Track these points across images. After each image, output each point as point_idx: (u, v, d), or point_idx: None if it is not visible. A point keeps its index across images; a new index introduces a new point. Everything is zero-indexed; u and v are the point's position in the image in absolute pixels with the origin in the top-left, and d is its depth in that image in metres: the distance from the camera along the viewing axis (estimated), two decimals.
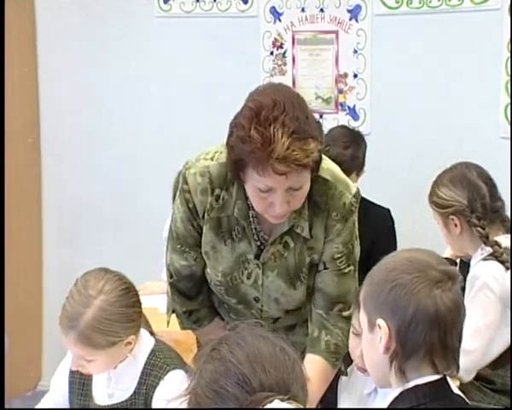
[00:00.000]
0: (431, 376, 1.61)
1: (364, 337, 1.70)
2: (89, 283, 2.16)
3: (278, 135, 1.91)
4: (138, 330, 2.23)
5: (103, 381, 2.28)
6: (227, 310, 2.38)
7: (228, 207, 2.18)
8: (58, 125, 4.45)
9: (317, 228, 2.18)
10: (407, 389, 1.60)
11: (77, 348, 2.15)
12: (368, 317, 1.67)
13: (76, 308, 2.13)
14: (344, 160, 3.29)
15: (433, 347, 1.60)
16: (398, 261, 1.67)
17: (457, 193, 2.65)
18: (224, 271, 2.26)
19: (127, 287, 2.20)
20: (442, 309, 1.59)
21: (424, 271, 1.61)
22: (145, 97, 4.30)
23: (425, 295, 1.58)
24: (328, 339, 2.23)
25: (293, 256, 2.21)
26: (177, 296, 2.39)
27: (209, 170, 2.18)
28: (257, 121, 1.94)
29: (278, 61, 4.08)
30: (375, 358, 1.65)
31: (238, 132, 1.98)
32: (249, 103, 2.00)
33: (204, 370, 1.40)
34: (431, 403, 1.59)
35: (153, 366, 2.23)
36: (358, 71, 3.96)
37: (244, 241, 2.21)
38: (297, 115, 1.95)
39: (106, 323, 2.12)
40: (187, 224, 2.25)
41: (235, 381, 1.34)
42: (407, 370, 1.61)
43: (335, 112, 4.02)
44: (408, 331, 1.59)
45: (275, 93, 1.99)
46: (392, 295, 1.61)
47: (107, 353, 2.15)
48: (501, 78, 3.71)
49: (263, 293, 2.26)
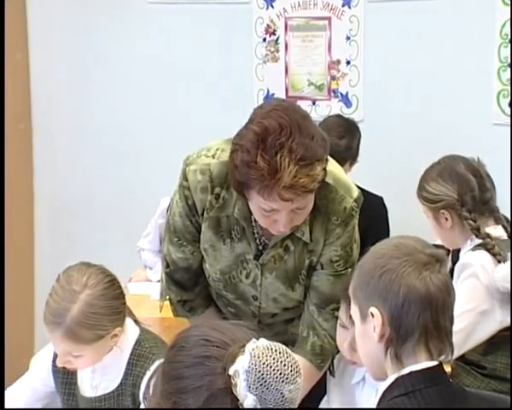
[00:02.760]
0: (427, 362, 1.61)
1: (357, 330, 1.69)
2: (72, 278, 2.14)
3: (285, 164, 1.88)
4: (124, 321, 2.21)
5: (88, 373, 2.27)
6: (225, 304, 2.37)
7: (228, 207, 2.16)
8: (50, 113, 4.42)
9: (317, 231, 2.17)
10: (402, 376, 1.60)
11: (63, 345, 2.13)
12: (359, 308, 1.67)
13: (61, 304, 2.10)
14: (338, 150, 3.28)
15: (427, 328, 1.60)
16: (385, 249, 1.67)
17: (447, 187, 2.64)
18: (222, 269, 2.25)
19: (111, 279, 2.18)
20: (432, 290, 1.59)
21: (412, 254, 1.62)
22: (137, 85, 4.27)
23: (415, 277, 1.59)
24: (314, 340, 2.23)
25: (293, 259, 2.20)
26: (172, 286, 2.38)
27: (210, 168, 2.14)
28: (263, 148, 1.90)
29: (271, 47, 4.07)
30: (370, 348, 1.65)
31: (243, 156, 1.94)
32: (254, 126, 1.94)
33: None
34: (426, 389, 1.59)
35: (139, 356, 2.22)
36: (351, 57, 3.95)
37: (243, 241, 2.19)
38: (303, 140, 1.91)
39: (93, 317, 2.10)
40: (185, 219, 2.22)
41: (213, 345, 1.39)
42: (403, 355, 1.61)
43: (328, 99, 4.01)
44: (401, 315, 1.59)
45: (280, 115, 1.93)
46: (382, 281, 1.61)
47: (94, 347, 2.14)
48: (493, 64, 3.71)
49: (261, 292, 2.26)
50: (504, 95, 3.71)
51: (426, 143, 3.74)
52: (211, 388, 1.35)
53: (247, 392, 1.33)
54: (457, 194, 2.62)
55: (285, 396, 1.34)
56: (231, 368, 1.34)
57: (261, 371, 1.33)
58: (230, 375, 1.34)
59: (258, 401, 1.33)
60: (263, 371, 1.33)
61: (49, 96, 4.41)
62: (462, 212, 2.61)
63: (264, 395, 1.33)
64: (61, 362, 2.18)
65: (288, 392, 1.34)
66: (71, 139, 4.42)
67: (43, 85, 4.41)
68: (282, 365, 1.35)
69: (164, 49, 4.21)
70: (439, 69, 3.80)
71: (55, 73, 4.39)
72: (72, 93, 4.38)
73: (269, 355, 1.35)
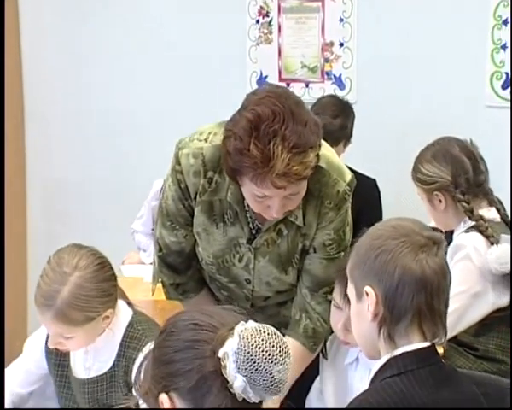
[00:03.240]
0: (419, 343, 1.62)
1: (353, 310, 1.70)
2: (62, 260, 2.14)
3: (278, 151, 1.88)
4: (115, 303, 2.22)
5: (81, 354, 2.28)
6: (218, 287, 2.38)
7: (220, 191, 2.15)
8: (42, 97, 4.41)
9: (310, 215, 2.17)
10: (394, 356, 1.61)
11: (55, 326, 2.13)
12: (355, 287, 1.67)
13: (52, 286, 2.10)
14: (333, 129, 3.28)
15: (421, 310, 1.60)
16: (382, 229, 1.67)
17: (441, 169, 2.65)
18: (215, 253, 2.25)
19: (102, 261, 2.17)
20: (428, 272, 1.60)
21: (409, 236, 1.62)
22: (130, 69, 4.25)
23: (411, 258, 1.59)
24: (307, 323, 2.23)
25: (286, 243, 2.20)
26: (165, 269, 2.38)
27: (202, 152, 2.13)
28: (256, 135, 1.89)
29: (264, 29, 4.06)
30: (364, 327, 1.66)
31: (236, 143, 1.93)
32: (247, 113, 1.93)
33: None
34: (418, 370, 1.59)
35: (131, 339, 2.22)
36: (344, 39, 3.94)
37: (236, 225, 2.19)
38: (296, 127, 1.90)
39: (83, 299, 2.10)
40: (178, 203, 2.22)
41: (202, 329, 1.41)
42: (396, 335, 1.61)
43: (321, 81, 4.01)
44: (395, 295, 1.60)
45: (274, 102, 1.92)
46: (378, 261, 1.61)
47: (85, 329, 2.14)
48: (487, 46, 3.70)
49: (254, 276, 2.26)
50: (498, 77, 3.72)
51: (419, 125, 3.74)
52: (201, 371, 1.36)
53: (236, 374, 1.34)
54: (451, 176, 2.63)
55: (274, 377, 1.35)
56: (220, 351, 1.35)
57: (250, 353, 1.34)
58: (220, 357, 1.35)
59: (247, 382, 1.34)
60: (252, 353, 1.34)
61: (42, 81, 4.40)
62: (456, 194, 2.62)
63: (254, 376, 1.34)
64: (53, 344, 2.19)
65: (278, 373, 1.35)
66: (63, 123, 4.41)
67: (35, 71, 4.40)
68: (270, 346, 1.35)
69: (157, 32, 4.19)
70: (433, 51, 3.80)
71: (47, 58, 4.37)
72: (64, 78, 4.37)
73: (257, 337, 1.35)
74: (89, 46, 4.30)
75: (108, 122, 4.33)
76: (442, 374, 1.62)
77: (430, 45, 3.80)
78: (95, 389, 2.26)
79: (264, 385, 1.35)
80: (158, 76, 4.21)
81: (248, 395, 1.35)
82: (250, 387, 1.34)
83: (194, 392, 1.36)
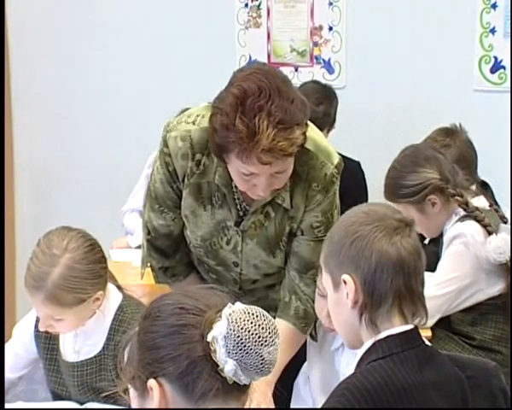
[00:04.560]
0: (403, 326, 1.63)
1: (330, 299, 1.70)
2: (52, 242, 2.14)
3: (263, 126, 1.88)
4: (105, 285, 2.22)
5: (70, 337, 2.28)
6: (207, 270, 2.38)
7: (208, 174, 2.15)
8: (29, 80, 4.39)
9: (298, 198, 2.17)
10: (379, 340, 1.62)
11: (45, 308, 2.13)
12: (331, 276, 1.68)
13: (41, 268, 2.10)
14: (316, 117, 3.26)
15: (400, 292, 1.62)
16: (355, 216, 1.68)
17: (428, 171, 2.63)
18: (203, 236, 2.25)
19: (92, 243, 2.18)
20: (404, 254, 1.61)
21: (382, 220, 1.64)
22: (119, 52, 4.23)
23: (386, 242, 1.61)
24: (297, 305, 2.23)
25: (274, 226, 2.20)
26: (153, 253, 2.38)
27: (190, 134, 2.13)
28: (242, 110, 1.89)
29: (253, 13, 4.04)
30: (344, 316, 1.66)
31: (222, 119, 1.93)
32: (234, 89, 1.93)
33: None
34: (403, 352, 1.61)
35: (121, 322, 2.23)
36: (333, 23, 3.93)
37: (224, 208, 2.19)
38: (282, 103, 1.90)
39: (73, 281, 2.11)
40: (166, 186, 2.22)
41: (190, 313, 1.39)
42: (378, 320, 1.62)
43: (310, 65, 4.00)
44: (374, 279, 1.61)
45: (260, 78, 1.92)
46: (354, 247, 1.62)
47: (75, 311, 2.14)
48: (475, 30, 3.71)
49: (242, 259, 2.26)
50: (486, 61, 3.72)
51: (407, 110, 3.74)
52: (190, 356, 1.36)
53: (226, 358, 1.34)
54: (439, 174, 2.62)
55: (265, 359, 1.35)
56: (209, 335, 1.35)
57: (240, 337, 1.34)
58: (209, 342, 1.35)
59: (238, 365, 1.34)
60: (241, 336, 1.34)
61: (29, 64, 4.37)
62: (449, 189, 2.61)
63: (244, 359, 1.34)
64: (43, 326, 2.19)
65: (268, 354, 1.36)
66: (51, 105, 4.39)
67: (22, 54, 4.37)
68: (259, 328, 1.35)
69: (146, 15, 4.17)
70: (422, 35, 3.80)
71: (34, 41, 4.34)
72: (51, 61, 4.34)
73: (246, 319, 1.35)
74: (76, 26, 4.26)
75: (97, 104, 4.31)
76: (425, 356, 1.64)
77: (419, 30, 3.80)
78: (84, 373, 2.27)
79: (256, 367, 1.35)
80: (146, 59, 4.19)
81: (239, 377, 1.35)
82: (241, 370, 1.35)
83: (184, 377, 1.36)
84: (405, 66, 3.84)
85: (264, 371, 1.37)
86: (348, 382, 1.60)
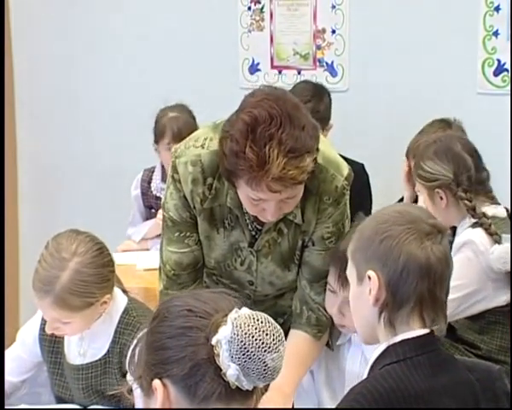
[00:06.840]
0: (419, 330, 1.63)
1: (352, 292, 1.70)
2: (61, 245, 2.14)
3: (274, 155, 1.85)
4: (113, 288, 2.23)
5: (75, 340, 2.28)
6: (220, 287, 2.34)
7: (220, 197, 2.13)
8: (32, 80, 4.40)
9: (309, 212, 2.15)
10: (393, 344, 1.62)
11: (53, 312, 2.13)
12: (357, 270, 1.68)
13: (50, 272, 2.10)
14: None
15: (423, 298, 1.61)
16: (388, 214, 1.68)
17: (443, 166, 2.62)
18: (216, 258, 2.22)
19: (100, 247, 2.18)
20: (433, 260, 1.61)
21: (415, 222, 1.63)
22: (121, 53, 4.25)
23: (416, 245, 1.60)
24: (309, 315, 2.23)
25: (287, 241, 2.19)
26: (173, 291, 2.23)
27: (201, 159, 2.10)
28: (252, 138, 1.87)
29: (256, 16, 4.05)
30: (364, 311, 1.66)
31: (232, 145, 1.90)
32: (244, 115, 1.90)
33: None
34: (417, 357, 1.60)
35: (126, 325, 2.23)
36: (337, 26, 3.93)
37: (237, 229, 2.17)
38: (293, 131, 1.88)
39: (82, 285, 2.11)
40: (182, 212, 2.17)
41: (196, 315, 1.40)
42: (396, 321, 1.62)
43: (313, 68, 4.00)
44: (399, 281, 1.60)
45: (271, 105, 1.89)
46: (383, 246, 1.62)
47: (83, 314, 2.15)
48: (479, 33, 3.70)
49: (257, 277, 2.24)
50: (489, 63, 3.72)
51: (410, 113, 3.74)
52: (194, 358, 1.36)
53: (229, 362, 1.34)
54: (453, 174, 2.61)
55: (268, 365, 1.35)
56: (214, 338, 1.35)
57: (243, 342, 1.34)
58: (213, 345, 1.35)
59: (240, 370, 1.34)
60: (245, 341, 1.34)
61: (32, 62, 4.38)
62: (458, 192, 2.60)
63: (247, 364, 1.34)
64: (50, 329, 2.19)
65: (271, 361, 1.35)
66: (54, 106, 4.40)
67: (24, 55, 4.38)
68: (264, 334, 1.35)
69: (148, 18, 4.18)
70: (425, 38, 3.79)
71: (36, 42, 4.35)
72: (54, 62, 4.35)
73: (251, 325, 1.35)
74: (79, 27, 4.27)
75: (99, 105, 4.32)
76: (439, 360, 1.64)
77: (422, 32, 3.79)
78: (89, 375, 2.27)
79: (258, 373, 1.35)
80: (149, 61, 4.20)
81: (242, 382, 1.35)
82: (243, 375, 1.34)
83: (187, 379, 1.36)
84: (408, 69, 3.84)
85: (267, 378, 1.36)
86: (362, 386, 1.60)
